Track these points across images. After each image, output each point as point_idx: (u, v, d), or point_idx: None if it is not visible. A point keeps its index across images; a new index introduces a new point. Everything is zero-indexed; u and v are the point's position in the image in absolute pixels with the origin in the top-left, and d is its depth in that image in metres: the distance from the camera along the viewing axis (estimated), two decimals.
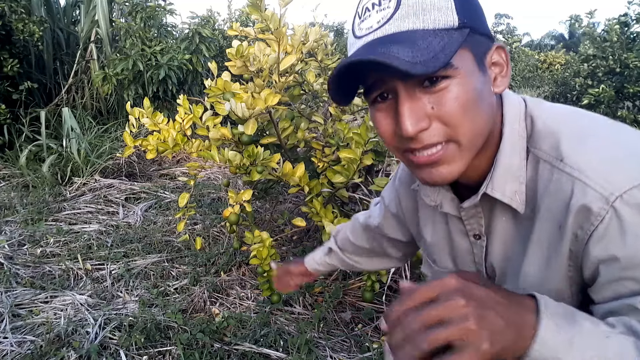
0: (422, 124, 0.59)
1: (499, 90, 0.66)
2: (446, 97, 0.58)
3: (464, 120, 0.59)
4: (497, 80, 0.66)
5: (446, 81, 0.58)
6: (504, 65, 0.67)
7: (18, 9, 5.18)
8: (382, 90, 0.62)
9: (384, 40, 0.58)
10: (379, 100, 0.64)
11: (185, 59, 5.33)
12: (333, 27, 18.49)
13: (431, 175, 0.64)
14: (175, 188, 4.52)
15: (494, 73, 0.65)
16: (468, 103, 0.59)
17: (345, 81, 0.63)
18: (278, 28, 2.05)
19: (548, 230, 0.65)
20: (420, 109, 0.59)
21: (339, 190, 2.34)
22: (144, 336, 2.11)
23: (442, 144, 0.61)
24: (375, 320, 2.39)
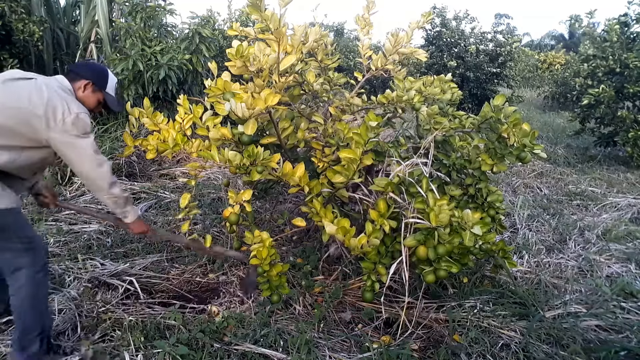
0: None
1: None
2: None
3: None
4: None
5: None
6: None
7: (18, 9, 5.18)
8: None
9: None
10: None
11: (185, 59, 5.32)
12: (333, 27, 18.48)
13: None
14: (175, 188, 4.52)
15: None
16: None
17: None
18: (278, 28, 2.05)
19: None
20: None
21: (339, 190, 2.34)
22: (143, 336, 2.11)
23: None
24: (375, 320, 2.39)
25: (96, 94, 2.01)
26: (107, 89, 2.04)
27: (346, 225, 2.05)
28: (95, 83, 1.99)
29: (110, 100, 2.07)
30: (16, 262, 1.84)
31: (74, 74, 1.98)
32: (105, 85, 2.03)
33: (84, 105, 1.94)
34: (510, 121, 2.27)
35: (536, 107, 12.85)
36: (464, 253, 2.14)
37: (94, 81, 1.99)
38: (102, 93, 2.03)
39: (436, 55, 9.99)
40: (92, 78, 1.98)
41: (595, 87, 6.39)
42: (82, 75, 1.97)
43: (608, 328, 2.38)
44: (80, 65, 2.08)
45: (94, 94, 2.01)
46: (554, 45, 26.77)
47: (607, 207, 4.47)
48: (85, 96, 1.97)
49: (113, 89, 2.08)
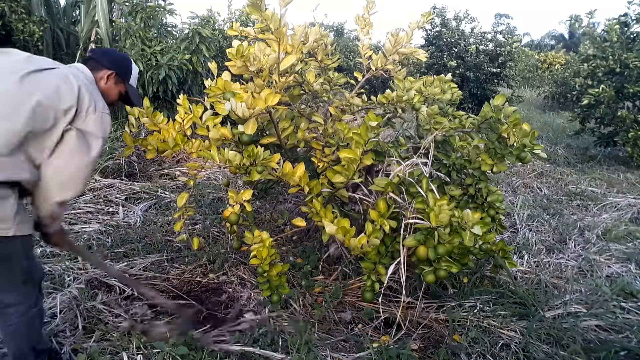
0: None
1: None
2: None
3: None
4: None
5: None
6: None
7: (18, 9, 5.18)
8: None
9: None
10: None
11: (185, 59, 5.32)
12: (333, 27, 18.48)
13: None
14: (175, 188, 4.52)
15: None
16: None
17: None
18: (278, 28, 2.05)
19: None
20: None
21: (339, 190, 2.34)
22: (143, 335, 2.11)
23: None
24: (375, 320, 2.39)
25: (118, 86, 1.83)
26: (130, 80, 1.87)
27: (346, 225, 2.05)
28: (119, 74, 1.81)
29: (133, 93, 1.90)
30: (7, 298, 1.62)
31: (96, 63, 1.78)
32: (129, 76, 1.86)
33: (105, 97, 1.75)
34: (510, 121, 2.27)
35: (536, 107, 12.85)
36: (464, 253, 2.14)
37: (117, 71, 1.80)
38: (125, 85, 1.85)
39: (436, 55, 9.99)
40: (115, 68, 1.79)
41: (595, 87, 6.39)
42: (105, 65, 1.78)
43: (608, 328, 2.38)
44: (102, 53, 1.86)
45: (116, 86, 1.83)
46: (554, 45, 26.77)
47: (607, 207, 4.47)
48: (107, 88, 1.79)
49: (135, 80, 1.92)
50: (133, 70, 1.88)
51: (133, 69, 1.88)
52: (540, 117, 10.68)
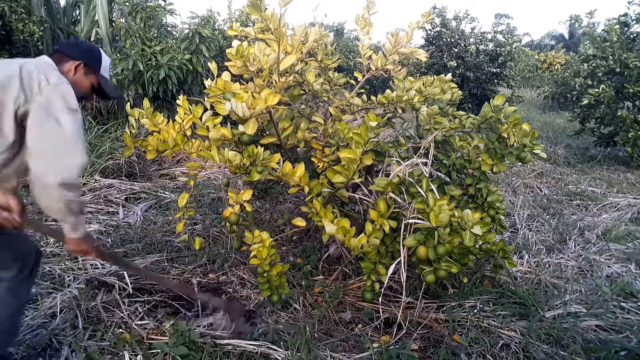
0: None
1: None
2: None
3: None
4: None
5: None
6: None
7: (18, 9, 5.18)
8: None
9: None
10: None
11: (185, 59, 5.32)
12: (333, 27, 18.48)
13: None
14: (175, 188, 4.52)
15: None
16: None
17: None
18: (278, 28, 2.05)
19: None
20: None
21: (339, 190, 2.34)
22: (142, 336, 2.11)
23: None
24: (375, 320, 2.39)
25: (89, 77, 1.73)
26: (101, 70, 1.76)
27: (346, 225, 2.05)
28: (88, 64, 1.70)
29: (106, 84, 1.79)
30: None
31: (61, 55, 1.67)
32: (99, 66, 1.75)
33: (75, 90, 1.63)
34: (510, 121, 2.27)
35: (536, 107, 12.85)
36: (464, 253, 2.14)
37: (85, 61, 1.69)
38: (97, 75, 1.75)
39: (436, 55, 9.99)
40: (83, 58, 1.69)
41: (595, 87, 6.39)
42: (71, 55, 1.68)
43: (608, 328, 2.38)
44: (67, 44, 1.76)
45: (86, 77, 1.72)
46: (554, 45, 26.77)
47: (607, 207, 4.47)
48: (77, 79, 1.68)
49: (108, 71, 1.81)
50: (103, 60, 1.77)
51: (103, 58, 1.78)
52: (540, 117, 10.68)
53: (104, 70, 1.78)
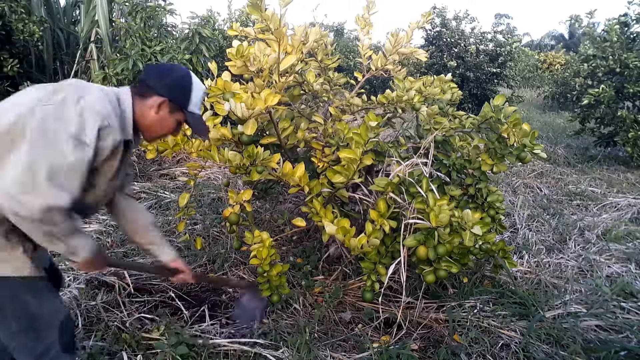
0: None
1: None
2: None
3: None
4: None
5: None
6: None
7: (18, 9, 5.17)
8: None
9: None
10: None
11: (185, 59, 5.32)
12: (333, 28, 18.48)
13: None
14: (175, 188, 4.52)
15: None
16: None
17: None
18: (278, 28, 2.05)
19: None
20: None
21: (338, 190, 2.34)
22: (142, 336, 2.11)
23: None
24: (375, 320, 2.39)
25: (175, 115, 1.45)
26: (190, 107, 1.45)
27: (346, 225, 2.05)
28: (174, 101, 1.42)
29: (194, 122, 1.48)
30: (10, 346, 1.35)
31: (145, 87, 1.41)
32: (188, 102, 1.45)
33: (154, 129, 1.45)
34: (510, 121, 2.27)
35: (536, 107, 12.85)
36: (464, 253, 2.14)
37: (171, 98, 1.42)
38: (184, 112, 1.46)
39: (436, 55, 9.99)
40: (169, 94, 1.41)
41: (595, 87, 6.39)
42: (155, 89, 1.40)
43: (608, 328, 2.38)
44: (154, 73, 1.44)
45: (171, 115, 1.45)
46: (554, 45, 26.76)
47: (607, 207, 4.47)
48: (160, 119, 1.42)
49: (198, 105, 1.49)
50: (194, 93, 1.45)
51: (194, 90, 1.45)
52: (540, 117, 10.68)
53: (194, 106, 1.47)
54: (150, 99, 1.41)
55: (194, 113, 1.47)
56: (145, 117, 1.42)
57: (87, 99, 1.26)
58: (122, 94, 1.40)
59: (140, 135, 1.49)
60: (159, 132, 1.48)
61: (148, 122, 1.43)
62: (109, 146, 1.28)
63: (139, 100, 1.41)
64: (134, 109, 1.40)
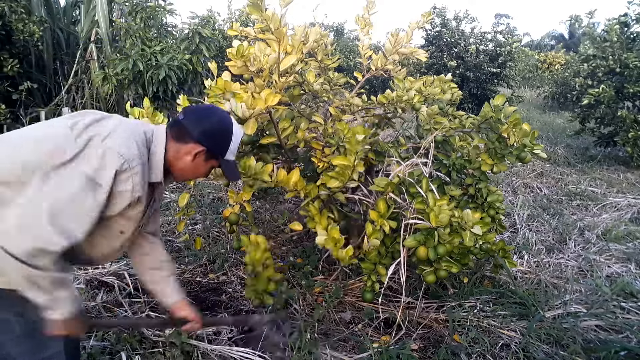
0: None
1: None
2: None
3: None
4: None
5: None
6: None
7: (18, 9, 5.17)
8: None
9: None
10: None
11: (185, 59, 5.32)
12: (333, 28, 18.47)
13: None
14: (175, 188, 4.52)
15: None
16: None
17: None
18: (278, 28, 2.04)
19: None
20: None
21: (335, 194, 2.33)
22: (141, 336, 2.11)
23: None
24: (375, 320, 2.39)
25: (209, 162, 1.39)
26: (226, 155, 1.40)
27: (336, 235, 2.01)
28: (212, 150, 1.36)
29: (228, 169, 1.44)
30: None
31: (183, 131, 1.32)
32: (226, 150, 1.39)
33: (187, 174, 1.39)
34: (510, 121, 2.27)
35: (536, 107, 12.85)
36: (464, 253, 2.14)
37: (210, 148, 1.34)
38: (219, 161, 1.40)
39: (436, 55, 9.99)
40: (208, 143, 1.33)
41: (595, 87, 6.39)
42: (194, 137, 1.31)
43: (608, 328, 2.38)
44: (194, 117, 1.34)
45: (206, 163, 1.38)
46: (554, 45, 26.76)
47: (607, 207, 4.47)
48: (194, 166, 1.36)
49: (235, 153, 1.43)
50: (233, 141, 1.39)
51: (233, 138, 1.39)
52: (540, 117, 10.68)
53: (230, 154, 1.41)
54: (187, 145, 1.32)
55: (228, 161, 1.41)
56: (179, 161, 1.34)
57: (113, 138, 1.19)
58: (157, 134, 1.32)
59: (170, 176, 1.40)
60: (190, 176, 1.42)
61: (182, 167, 1.35)
62: (128, 190, 1.20)
63: (174, 143, 1.33)
64: (166, 150, 1.32)
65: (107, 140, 1.18)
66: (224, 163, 1.41)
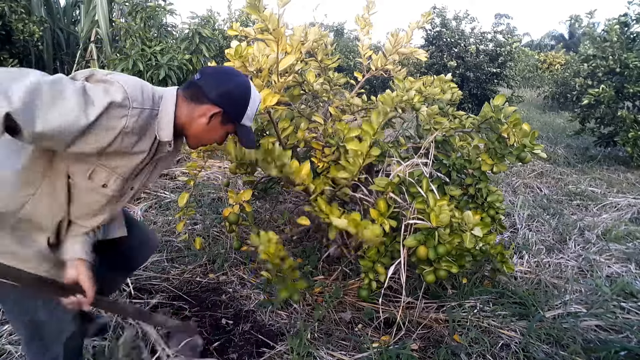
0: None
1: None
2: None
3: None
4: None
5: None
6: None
7: (18, 9, 5.18)
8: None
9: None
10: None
11: (185, 59, 5.33)
12: (333, 27, 18.48)
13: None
14: (175, 188, 4.52)
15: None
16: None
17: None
18: (276, 28, 2.04)
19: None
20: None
21: (341, 188, 2.32)
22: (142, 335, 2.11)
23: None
24: (375, 321, 2.39)
25: (226, 127, 1.34)
26: (243, 120, 1.35)
27: (357, 217, 1.98)
28: (230, 113, 1.30)
29: (244, 135, 1.38)
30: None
31: (198, 91, 1.27)
32: (244, 114, 1.33)
33: (201, 137, 1.32)
34: (510, 121, 2.27)
35: (536, 107, 12.85)
36: (462, 254, 2.14)
37: (227, 110, 1.29)
38: (234, 125, 1.35)
39: (436, 55, 9.99)
40: (225, 105, 1.28)
41: (595, 87, 6.39)
42: (210, 97, 1.26)
43: (608, 328, 2.38)
44: (212, 78, 1.28)
45: (222, 127, 1.33)
46: (554, 45, 26.77)
47: (607, 207, 4.47)
48: (209, 129, 1.30)
49: (252, 118, 1.38)
50: (250, 106, 1.33)
51: (251, 103, 1.33)
52: (540, 117, 10.68)
53: (247, 119, 1.36)
54: (202, 106, 1.26)
55: (245, 126, 1.35)
56: (192, 123, 1.27)
57: (120, 75, 1.12)
58: (167, 94, 1.25)
59: (182, 139, 1.33)
60: (204, 140, 1.34)
61: (196, 129, 1.28)
62: (116, 128, 1.08)
63: (187, 104, 1.26)
64: (176, 112, 1.24)
65: (114, 74, 1.11)
66: (240, 128, 1.35)
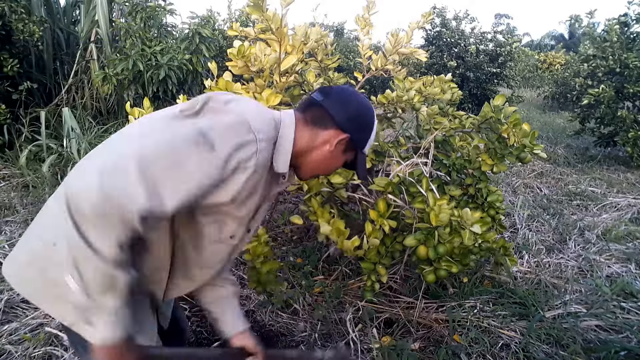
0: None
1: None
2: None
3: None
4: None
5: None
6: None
7: (18, 9, 5.17)
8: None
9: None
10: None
11: (185, 59, 5.32)
12: (333, 28, 18.48)
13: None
14: None
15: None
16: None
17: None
18: (279, 28, 2.05)
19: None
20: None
21: (337, 190, 2.33)
22: None
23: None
24: (375, 320, 2.40)
25: (347, 155, 1.15)
26: (365, 148, 1.17)
27: (341, 226, 2.02)
28: (355, 139, 1.12)
29: (362, 164, 1.18)
30: None
31: (324, 115, 1.09)
32: (367, 140, 1.16)
33: (319, 167, 1.14)
34: (510, 121, 2.27)
35: (536, 107, 12.86)
36: (465, 254, 2.14)
37: (354, 136, 1.11)
38: (356, 153, 1.16)
39: (436, 55, 9.99)
40: (352, 131, 1.10)
41: (595, 87, 6.40)
42: (337, 120, 1.08)
43: (608, 328, 2.38)
44: (336, 99, 1.10)
45: (344, 155, 1.15)
46: (554, 45, 26.78)
47: (607, 207, 4.47)
48: (331, 157, 1.12)
49: (370, 146, 1.20)
50: (373, 132, 1.17)
51: (373, 130, 1.16)
52: (540, 117, 10.68)
53: (368, 146, 1.19)
54: (326, 131, 1.08)
55: (364, 154, 1.17)
56: (314, 150, 1.09)
57: (239, 101, 0.96)
58: (285, 115, 1.07)
59: (292, 170, 1.13)
60: (321, 170, 1.15)
61: (316, 157, 1.10)
62: (248, 168, 0.91)
63: (309, 127, 1.08)
64: (295, 137, 1.06)
65: (232, 104, 0.93)
66: (360, 157, 1.16)
